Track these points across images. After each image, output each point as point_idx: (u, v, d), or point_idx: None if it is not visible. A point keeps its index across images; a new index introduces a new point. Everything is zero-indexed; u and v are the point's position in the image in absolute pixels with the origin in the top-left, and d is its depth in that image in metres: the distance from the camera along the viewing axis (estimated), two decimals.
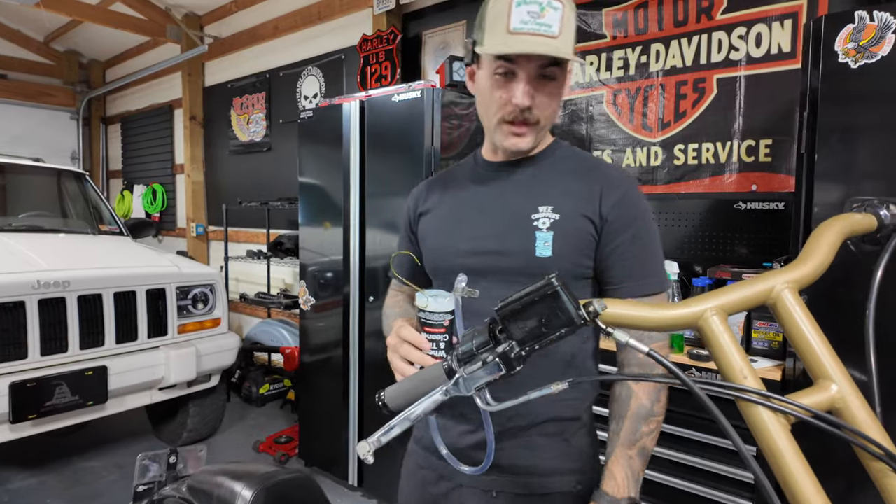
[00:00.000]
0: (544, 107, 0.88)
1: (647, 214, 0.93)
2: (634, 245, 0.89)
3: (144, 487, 1.39)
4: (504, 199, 0.95)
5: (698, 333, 0.60)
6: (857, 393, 0.56)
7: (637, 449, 0.86)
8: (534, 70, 0.84)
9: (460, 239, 0.96)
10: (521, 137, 0.90)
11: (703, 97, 2.22)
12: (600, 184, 0.91)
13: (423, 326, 0.79)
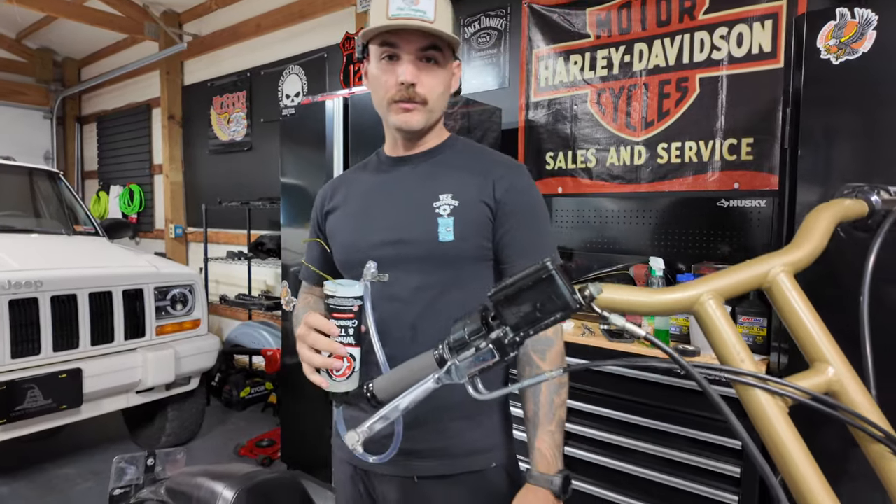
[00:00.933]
0: (430, 87, 0.94)
1: (537, 199, 1.01)
2: (525, 226, 0.97)
3: (121, 491, 1.34)
4: (406, 191, 1.01)
5: (695, 318, 0.59)
6: (854, 376, 0.55)
7: (556, 423, 0.91)
8: (414, 51, 0.92)
9: (369, 232, 1.00)
10: (410, 114, 0.95)
11: (685, 96, 2.24)
12: (494, 172, 0.98)
13: (332, 313, 0.79)
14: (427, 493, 0.96)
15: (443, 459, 0.96)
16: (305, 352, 0.82)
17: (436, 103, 0.97)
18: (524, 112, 2.73)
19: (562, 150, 2.61)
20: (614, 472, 1.79)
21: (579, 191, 2.56)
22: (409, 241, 0.96)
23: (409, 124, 0.96)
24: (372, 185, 1.06)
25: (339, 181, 1.12)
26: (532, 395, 0.92)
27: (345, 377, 0.80)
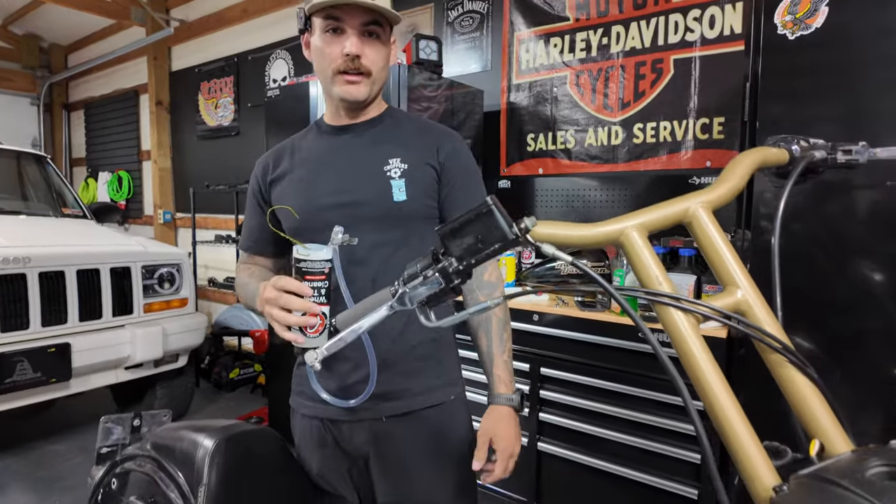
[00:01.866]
0: (373, 59, 1.01)
1: (473, 163, 1.13)
2: (465, 186, 1.08)
3: (108, 449, 1.39)
4: (354, 156, 1.07)
5: (622, 248, 0.65)
6: (760, 298, 0.62)
7: (507, 353, 1.05)
8: (358, 25, 0.98)
9: (319, 196, 1.06)
10: (354, 85, 1.01)
11: (660, 77, 2.30)
12: (436, 138, 1.08)
13: (304, 276, 0.86)
14: (394, 431, 1.05)
15: (407, 399, 1.05)
16: (277, 312, 0.88)
17: (378, 75, 1.03)
18: (506, 94, 2.78)
19: (542, 132, 2.67)
20: (586, 436, 1.87)
21: (559, 171, 2.62)
22: (364, 203, 1.03)
23: (353, 95, 1.02)
24: (317, 152, 1.10)
25: (279, 151, 1.16)
26: (485, 332, 1.04)
27: (318, 333, 0.87)
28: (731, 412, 0.56)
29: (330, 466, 1.11)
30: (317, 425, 1.11)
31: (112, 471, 1.28)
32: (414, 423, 1.06)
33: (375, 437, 1.06)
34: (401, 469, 1.07)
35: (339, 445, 1.09)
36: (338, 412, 1.06)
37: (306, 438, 1.14)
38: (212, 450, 1.10)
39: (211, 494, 1.03)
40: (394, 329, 1.05)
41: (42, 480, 2.59)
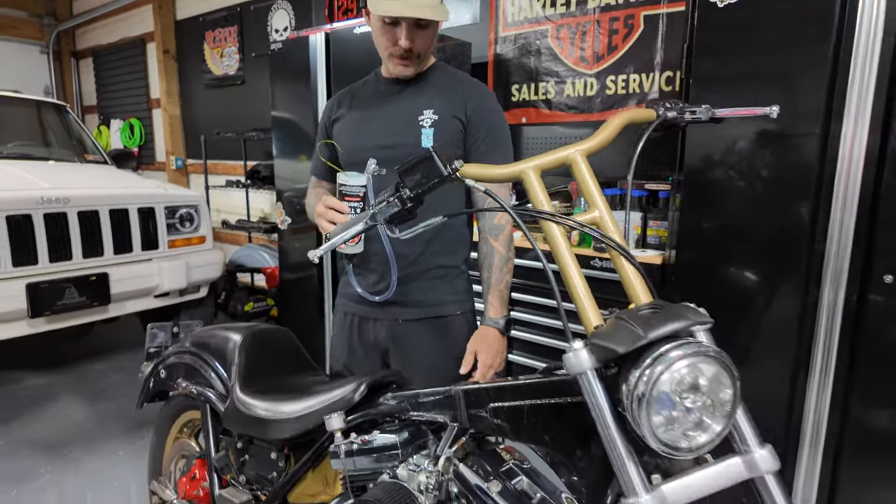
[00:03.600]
0: (422, 45, 1.25)
1: (499, 119, 1.33)
2: (489, 137, 1.29)
3: (154, 349, 1.74)
4: (398, 106, 1.33)
5: (522, 182, 0.94)
6: (612, 217, 0.91)
7: (504, 284, 1.30)
8: (412, 21, 1.19)
9: (367, 138, 1.33)
10: (406, 67, 1.27)
11: (632, 32, 2.50)
12: (465, 93, 1.30)
13: (344, 196, 1.16)
14: (407, 331, 1.35)
15: (420, 308, 1.34)
16: (325, 224, 1.17)
17: (426, 53, 1.28)
18: (493, 47, 2.97)
19: (526, 83, 2.88)
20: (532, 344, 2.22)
21: (540, 120, 2.86)
22: (398, 146, 1.27)
23: (404, 74, 1.28)
24: (371, 99, 1.36)
25: (343, 95, 1.42)
26: (488, 266, 1.30)
27: (354, 243, 1.18)
28: (581, 287, 0.86)
29: (355, 357, 1.42)
30: (349, 321, 1.42)
31: (160, 363, 1.63)
32: (424, 327, 1.34)
33: (393, 335, 1.36)
34: (411, 361, 1.34)
35: (364, 339, 1.40)
36: (366, 311, 1.37)
37: (341, 332, 1.46)
38: (240, 341, 1.44)
39: (241, 371, 1.37)
40: (414, 253, 1.32)
41: (86, 394, 3.02)
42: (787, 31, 1.54)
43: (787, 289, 1.63)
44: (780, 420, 1.71)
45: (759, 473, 0.77)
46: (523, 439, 0.93)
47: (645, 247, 2.03)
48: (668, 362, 0.70)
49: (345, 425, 1.09)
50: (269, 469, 1.27)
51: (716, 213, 1.73)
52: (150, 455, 1.71)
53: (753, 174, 1.65)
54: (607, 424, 0.75)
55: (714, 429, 0.73)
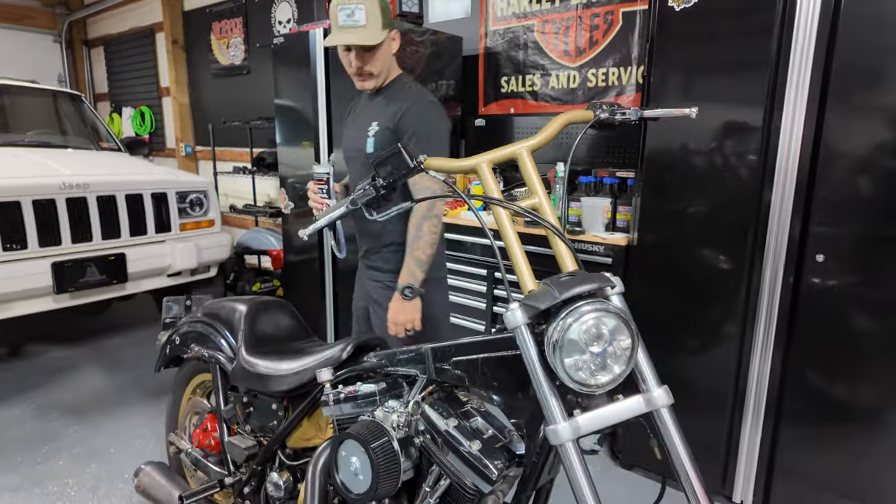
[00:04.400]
0: (373, 64, 1.55)
1: (427, 118, 1.55)
2: (415, 136, 1.53)
3: (170, 320, 1.95)
4: (362, 117, 1.67)
5: (477, 174, 1.12)
6: (550, 203, 1.10)
7: (420, 250, 1.53)
8: (356, 46, 1.51)
9: (344, 141, 1.77)
10: (364, 83, 1.60)
11: (611, 28, 2.65)
12: (400, 104, 1.56)
13: (315, 182, 1.53)
14: (377, 294, 1.70)
15: (381, 274, 1.69)
16: (311, 200, 1.58)
17: (381, 69, 1.57)
18: (483, 40, 3.13)
19: (514, 76, 3.04)
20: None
21: (527, 111, 3.03)
22: (356, 150, 1.65)
23: (364, 88, 1.62)
24: (358, 106, 1.74)
25: (352, 102, 1.81)
26: (411, 224, 1.56)
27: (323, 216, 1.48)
28: (521, 260, 1.06)
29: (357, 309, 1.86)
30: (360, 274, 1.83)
31: (176, 332, 1.85)
32: (388, 291, 1.63)
33: (369, 296, 1.72)
34: (380, 320, 1.67)
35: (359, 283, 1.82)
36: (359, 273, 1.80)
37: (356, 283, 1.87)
38: (245, 311, 1.64)
39: (246, 337, 1.58)
40: (375, 231, 1.66)
41: (105, 365, 3.26)
42: (733, 35, 1.70)
43: (733, 267, 1.82)
44: (728, 388, 1.90)
45: (656, 407, 0.97)
46: (478, 386, 1.13)
47: (614, 230, 2.21)
48: (576, 315, 0.90)
49: (333, 378, 1.29)
50: (270, 418, 1.49)
51: (671, 199, 1.91)
52: (167, 413, 1.93)
53: (704, 163, 1.82)
54: (535, 369, 0.94)
55: (614, 370, 0.92)
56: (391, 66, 1.61)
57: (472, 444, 1.08)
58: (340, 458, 1.16)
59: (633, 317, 2.05)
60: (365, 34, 1.46)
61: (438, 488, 1.12)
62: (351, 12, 1.46)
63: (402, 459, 1.12)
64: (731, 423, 1.92)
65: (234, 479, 1.51)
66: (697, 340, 1.93)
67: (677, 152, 1.85)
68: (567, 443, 0.91)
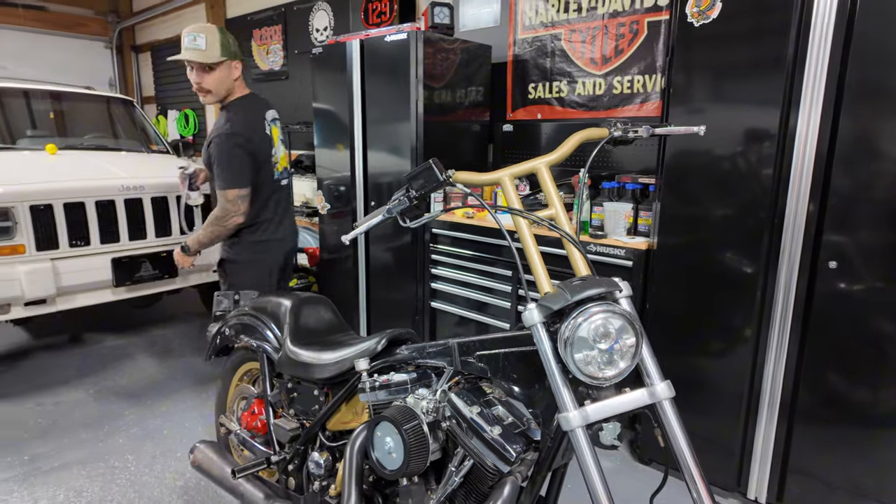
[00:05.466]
0: (210, 83, 2.07)
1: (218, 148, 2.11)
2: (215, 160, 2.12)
3: (220, 313, 2.13)
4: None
5: (501, 186, 1.25)
6: (565, 213, 1.21)
7: (207, 236, 2.26)
8: (197, 66, 2.05)
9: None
10: (203, 98, 2.14)
11: (636, 37, 2.73)
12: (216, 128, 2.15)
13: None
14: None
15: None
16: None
17: (217, 89, 2.11)
18: (512, 48, 3.24)
19: (541, 82, 3.14)
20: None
21: (553, 117, 3.12)
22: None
23: (204, 102, 2.15)
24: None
25: None
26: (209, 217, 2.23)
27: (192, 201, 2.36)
28: (538, 264, 1.18)
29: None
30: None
31: (226, 324, 2.02)
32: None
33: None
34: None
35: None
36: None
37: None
38: (290, 306, 1.81)
39: (291, 329, 1.74)
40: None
41: (157, 353, 3.51)
42: (749, 46, 1.78)
43: (749, 271, 1.89)
44: (743, 388, 1.97)
45: (658, 399, 1.08)
46: (499, 377, 1.26)
47: (636, 234, 2.30)
48: (586, 315, 1.01)
49: (369, 367, 1.44)
50: (312, 403, 1.64)
51: (690, 204, 1.99)
52: (217, 397, 2.12)
53: (721, 169, 1.90)
54: (550, 363, 1.06)
55: (620, 365, 1.04)
56: (232, 88, 2.14)
57: (493, 429, 1.21)
58: (376, 438, 1.30)
59: (653, 318, 2.18)
60: (202, 55, 1.95)
61: (463, 468, 1.25)
62: (194, 38, 1.98)
63: (430, 441, 1.26)
64: (746, 422, 2.00)
65: (279, 458, 1.68)
66: (714, 341, 2.01)
67: (696, 159, 1.93)
68: (577, 429, 1.03)
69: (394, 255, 3.13)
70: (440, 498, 1.29)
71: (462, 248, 2.81)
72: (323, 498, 1.55)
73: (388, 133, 2.99)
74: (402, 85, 2.84)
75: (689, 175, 1.97)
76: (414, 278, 3.03)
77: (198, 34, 1.97)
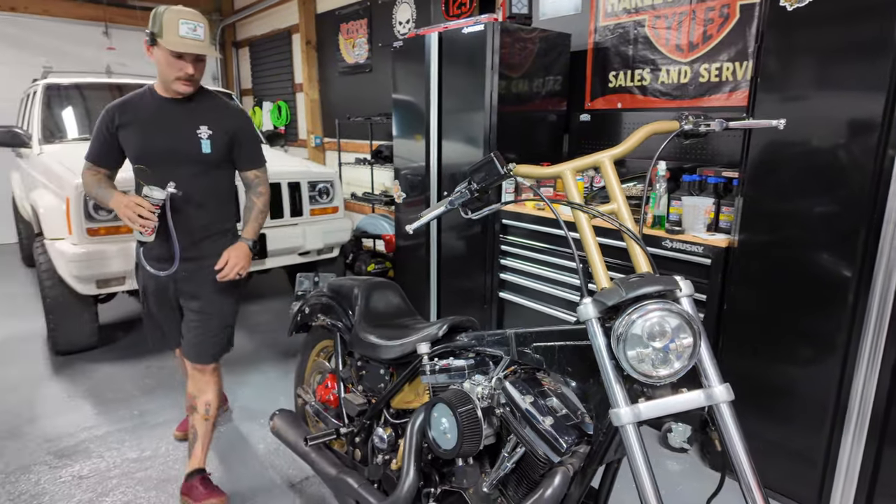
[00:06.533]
0: (200, 73, 1.83)
1: (252, 128, 2.00)
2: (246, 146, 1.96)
3: (301, 293, 2.30)
4: (177, 121, 1.85)
5: (562, 180, 1.25)
6: (628, 208, 1.20)
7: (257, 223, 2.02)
8: (193, 57, 1.77)
9: (153, 146, 1.84)
10: (187, 88, 1.81)
11: (727, 22, 2.57)
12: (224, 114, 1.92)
13: (153, 204, 1.75)
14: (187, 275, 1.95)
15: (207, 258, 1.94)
16: (128, 213, 1.73)
17: (200, 79, 1.85)
18: (592, 36, 3.15)
19: (622, 70, 3.04)
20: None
21: (634, 106, 3.02)
22: (178, 151, 1.83)
23: (186, 92, 1.83)
24: (152, 114, 1.84)
25: (122, 105, 1.85)
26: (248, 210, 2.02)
27: (150, 235, 1.77)
28: (597, 259, 1.18)
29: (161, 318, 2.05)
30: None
31: (306, 303, 2.18)
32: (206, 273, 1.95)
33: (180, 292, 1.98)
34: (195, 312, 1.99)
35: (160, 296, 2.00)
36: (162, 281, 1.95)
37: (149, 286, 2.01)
38: (360, 289, 1.92)
39: (361, 311, 1.85)
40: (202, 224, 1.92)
41: (246, 328, 3.82)
42: (851, 36, 1.63)
43: (840, 274, 1.75)
44: (829, 400, 1.84)
45: (716, 402, 1.05)
46: (555, 370, 1.28)
47: (717, 230, 2.19)
48: (640, 312, 1.01)
49: (430, 351, 1.51)
50: (379, 381, 1.74)
51: (776, 199, 1.87)
52: (296, 370, 2.30)
53: (812, 162, 1.76)
54: (603, 358, 1.07)
55: (675, 365, 1.02)
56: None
57: (545, 419, 1.23)
58: (433, 418, 1.37)
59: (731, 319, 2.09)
60: (205, 48, 1.77)
61: (515, 455, 1.29)
62: (194, 28, 1.77)
63: (483, 425, 1.30)
64: (831, 435, 1.86)
65: (347, 430, 1.80)
66: (798, 347, 1.89)
67: (784, 151, 1.81)
68: (628, 425, 1.03)
69: (464, 245, 3.19)
70: (492, 481, 1.33)
71: (532, 239, 2.81)
72: (385, 471, 1.65)
73: (463, 124, 3.03)
74: (478, 76, 2.86)
75: (776, 168, 1.84)
76: (483, 268, 3.07)
77: (197, 24, 1.76)
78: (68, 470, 2.19)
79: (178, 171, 1.83)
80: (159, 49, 1.74)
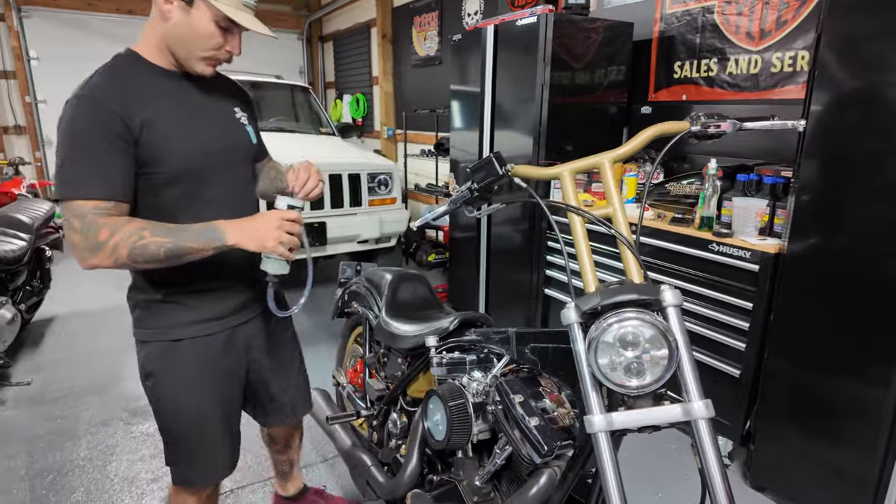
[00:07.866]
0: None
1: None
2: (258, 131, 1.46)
3: (344, 280, 2.42)
4: (213, 104, 1.27)
5: (560, 182, 1.24)
6: (624, 212, 1.17)
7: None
8: (240, 32, 1.21)
9: (205, 145, 1.22)
10: (212, 70, 1.23)
11: (804, 6, 2.34)
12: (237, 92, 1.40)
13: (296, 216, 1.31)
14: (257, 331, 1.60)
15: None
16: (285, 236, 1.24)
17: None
18: (658, 24, 2.99)
19: (688, 60, 2.87)
20: None
21: (700, 98, 2.84)
22: (234, 146, 1.29)
23: (210, 73, 1.23)
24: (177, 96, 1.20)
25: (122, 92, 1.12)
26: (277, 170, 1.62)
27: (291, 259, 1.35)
28: (587, 262, 1.15)
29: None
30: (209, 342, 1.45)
31: (346, 290, 2.30)
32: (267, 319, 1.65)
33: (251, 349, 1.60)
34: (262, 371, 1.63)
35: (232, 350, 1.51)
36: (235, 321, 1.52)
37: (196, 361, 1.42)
38: (389, 280, 1.99)
39: (387, 301, 1.92)
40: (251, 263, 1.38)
41: (308, 309, 4.05)
42: None
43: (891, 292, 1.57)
44: (884, 420, 1.67)
45: (693, 418, 1.01)
46: (548, 371, 1.28)
47: (770, 235, 2.02)
48: (613, 320, 0.99)
49: (436, 344, 1.55)
50: (397, 369, 1.82)
51: (833, 203, 1.70)
52: (337, 353, 2.43)
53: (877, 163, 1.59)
54: (580, 363, 1.06)
55: (647, 376, 0.99)
56: None
57: (531, 419, 1.24)
58: (428, 409, 1.42)
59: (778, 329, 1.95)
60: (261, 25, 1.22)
61: (505, 451, 1.30)
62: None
63: (474, 420, 1.33)
64: (885, 458, 1.69)
65: (367, 413, 1.89)
66: (851, 362, 1.72)
67: (843, 149, 1.64)
68: (600, 433, 1.02)
69: (513, 240, 3.18)
70: (484, 475, 1.36)
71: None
72: (396, 455, 1.72)
73: (515, 116, 3.01)
74: (529, 68, 2.82)
75: (832, 167, 1.68)
76: (529, 264, 3.05)
77: None
78: (139, 427, 2.48)
79: (236, 176, 1.31)
80: (199, 10, 1.13)
